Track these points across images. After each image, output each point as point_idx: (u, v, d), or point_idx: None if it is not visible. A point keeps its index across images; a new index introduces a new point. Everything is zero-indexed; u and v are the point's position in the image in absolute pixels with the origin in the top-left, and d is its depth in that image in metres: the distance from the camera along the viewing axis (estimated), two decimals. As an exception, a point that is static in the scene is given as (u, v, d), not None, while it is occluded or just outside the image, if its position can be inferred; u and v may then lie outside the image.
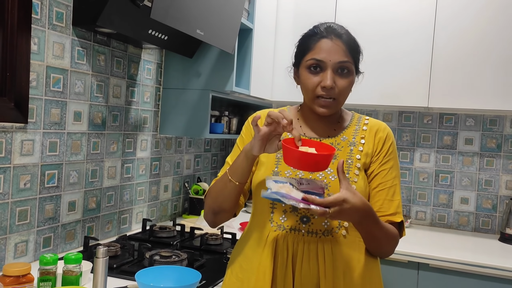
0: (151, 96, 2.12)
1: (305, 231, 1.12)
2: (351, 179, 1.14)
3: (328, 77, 1.12)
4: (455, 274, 1.96)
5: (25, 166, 1.46)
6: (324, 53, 1.13)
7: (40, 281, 1.17)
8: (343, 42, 1.15)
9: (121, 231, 1.96)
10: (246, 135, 1.26)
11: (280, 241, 1.12)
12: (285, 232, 1.12)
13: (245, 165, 1.10)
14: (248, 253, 1.18)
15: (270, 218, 1.15)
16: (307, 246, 1.11)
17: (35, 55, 1.46)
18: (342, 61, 1.13)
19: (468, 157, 2.55)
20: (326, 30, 1.16)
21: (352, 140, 1.20)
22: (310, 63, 1.15)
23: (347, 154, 1.18)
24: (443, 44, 2.26)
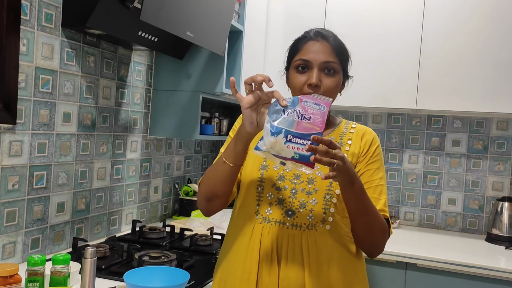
0: (141, 97, 2.12)
1: (289, 224, 1.14)
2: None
3: (313, 75, 1.15)
4: (443, 274, 1.99)
5: (13, 167, 1.46)
6: (311, 54, 1.17)
7: (27, 282, 1.17)
8: (329, 44, 1.19)
9: (110, 232, 1.96)
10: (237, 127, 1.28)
11: (265, 233, 1.15)
12: (270, 225, 1.15)
13: (240, 145, 1.09)
14: (235, 246, 1.19)
15: (256, 210, 1.17)
16: (291, 239, 1.13)
17: (24, 56, 1.46)
18: (327, 61, 1.17)
19: (456, 158, 2.58)
20: (315, 34, 1.21)
21: (340, 141, 1.24)
22: (297, 64, 1.19)
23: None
24: (431, 47, 2.29)
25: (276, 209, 1.16)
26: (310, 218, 1.15)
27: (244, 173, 1.22)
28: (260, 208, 1.18)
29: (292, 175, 1.18)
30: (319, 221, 1.15)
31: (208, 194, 1.19)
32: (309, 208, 1.15)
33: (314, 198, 1.16)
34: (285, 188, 1.17)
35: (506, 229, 2.29)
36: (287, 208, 1.16)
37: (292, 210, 1.15)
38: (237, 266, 1.17)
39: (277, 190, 1.17)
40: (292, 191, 1.17)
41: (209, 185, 1.18)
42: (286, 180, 1.18)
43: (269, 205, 1.17)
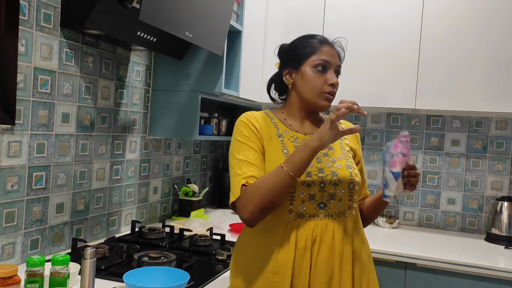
0: (140, 98, 2.12)
1: (322, 216, 1.26)
2: (352, 165, 1.34)
3: (333, 76, 1.31)
4: (442, 273, 1.99)
5: (12, 168, 1.46)
6: (329, 56, 1.32)
7: (27, 282, 1.17)
8: (340, 51, 1.39)
9: (110, 233, 1.96)
10: (248, 131, 1.31)
11: (300, 227, 1.24)
12: (305, 220, 1.25)
13: (310, 161, 1.18)
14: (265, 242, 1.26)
15: (289, 209, 1.25)
16: (324, 228, 1.25)
17: (23, 56, 1.46)
18: (339, 65, 1.35)
19: (455, 158, 2.58)
20: (324, 39, 1.35)
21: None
22: (317, 63, 1.30)
23: (339, 146, 1.38)
24: (430, 47, 2.29)
25: (309, 205, 1.25)
26: (339, 207, 1.28)
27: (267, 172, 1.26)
28: (293, 206, 1.25)
29: (317, 170, 1.28)
30: (346, 208, 1.29)
31: (266, 205, 1.20)
32: (337, 198, 1.28)
33: (341, 188, 1.28)
34: (314, 183, 1.26)
35: (505, 228, 2.29)
36: (319, 202, 1.26)
37: (323, 202, 1.26)
38: (268, 260, 1.24)
39: (307, 187, 1.25)
40: (321, 185, 1.26)
41: (270, 198, 1.19)
42: (313, 176, 1.26)
43: (302, 202, 1.25)
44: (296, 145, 1.30)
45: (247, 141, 1.29)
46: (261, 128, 1.32)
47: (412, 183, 1.23)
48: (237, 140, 1.31)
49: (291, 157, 1.19)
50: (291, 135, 1.33)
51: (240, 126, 1.33)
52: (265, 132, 1.31)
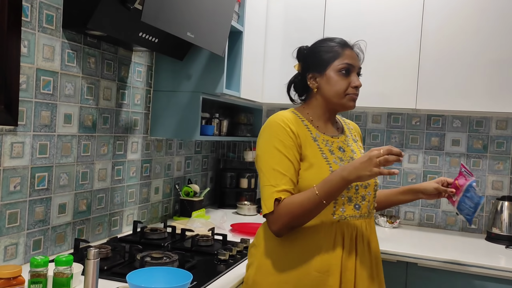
0: (142, 98, 2.13)
1: (358, 216, 1.37)
2: None
3: (357, 78, 1.41)
4: (443, 273, 2.00)
5: (15, 169, 1.46)
6: (352, 59, 1.40)
7: (31, 283, 1.17)
8: (360, 53, 1.47)
9: (112, 233, 1.97)
10: (287, 139, 1.34)
11: (344, 228, 1.34)
12: (347, 221, 1.35)
13: (343, 191, 1.28)
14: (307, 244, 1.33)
15: (333, 211, 1.34)
16: (360, 228, 1.37)
17: (25, 57, 1.46)
18: (360, 67, 1.44)
19: (455, 158, 2.59)
20: (345, 43, 1.44)
21: (352, 137, 1.52)
22: (341, 67, 1.39)
23: (357, 149, 1.50)
24: (431, 47, 2.30)
25: (348, 207, 1.36)
26: (368, 208, 1.40)
27: (315, 179, 1.29)
28: (336, 209, 1.34)
29: None
30: (372, 207, 1.43)
31: (296, 225, 1.32)
32: (367, 199, 1.40)
33: (369, 191, 1.40)
34: (351, 187, 1.35)
35: (506, 228, 2.30)
36: (355, 203, 1.37)
37: (358, 204, 1.37)
38: (313, 260, 1.31)
39: (346, 190, 1.35)
40: (356, 188, 1.37)
41: (299, 219, 1.30)
42: None
43: (342, 205, 1.35)
44: (329, 148, 1.39)
45: (284, 150, 1.32)
46: (297, 132, 1.37)
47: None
48: (274, 147, 1.33)
49: (325, 185, 1.25)
50: (322, 138, 1.41)
51: (278, 131, 1.35)
52: (302, 136, 1.38)
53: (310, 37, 2.53)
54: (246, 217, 2.61)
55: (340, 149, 1.41)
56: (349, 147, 1.44)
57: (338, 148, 1.41)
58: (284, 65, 2.53)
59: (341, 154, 1.40)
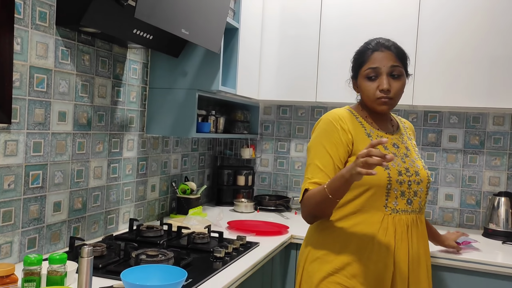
0: (137, 96, 2.12)
1: (410, 210, 1.43)
2: (426, 166, 1.55)
3: (384, 82, 1.41)
4: (440, 269, 1.99)
5: (8, 167, 1.45)
6: (378, 62, 1.42)
7: (24, 281, 1.17)
8: (391, 52, 1.44)
9: (107, 231, 1.96)
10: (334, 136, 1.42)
11: (397, 221, 1.41)
12: (399, 215, 1.41)
13: (347, 188, 1.31)
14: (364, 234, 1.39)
15: (385, 204, 1.40)
16: (413, 221, 1.43)
17: (18, 55, 1.46)
18: (393, 65, 1.42)
19: (452, 154, 2.59)
20: (376, 45, 1.46)
21: (407, 135, 1.59)
22: (367, 73, 1.44)
23: (412, 147, 1.55)
24: (427, 42, 2.29)
25: (400, 201, 1.41)
26: (419, 203, 1.46)
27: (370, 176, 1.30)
28: (388, 202, 1.40)
29: (404, 169, 1.43)
30: (423, 204, 1.49)
31: (316, 214, 1.44)
32: (419, 195, 1.45)
33: (421, 187, 1.46)
34: (404, 181, 1.41)
35: (503, 224, 2.30)
36: (407, 198, 1.42)
37: (410, 199, 1.43)
38: (369, 251, 1.39)
39: (399, 184, 1.41)
40: (409, 183, 1.42)
41: (315, 211, 1.41)
42: (403, 175, 1.42)
43: (395, 198, 1.41)
44: (384, 144, 1.38)
45: (328, 147, 1.41)
46: (350, 129, 1.44)
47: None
48: (320, 143, 1.43)
49: (332, 181, 1.32)
50: (376, 133, 1.47)
51: (327, 128, 1.44)
52: (354, 132, 1.44)
53: (306, 34, 2.54)
54: (243, 215, 2.61)
55: (395, 145, 1.48)
56: (404, 144, 1.51)
57: (393, 144, 1.48)
58: (281, 62, 2.52)
59: (395, 150, 1.47)
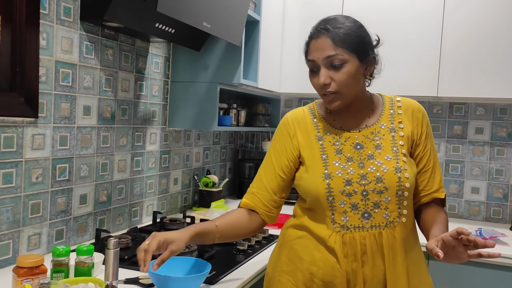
0: (160, 89, 2.13)
1: (368, 227, 1.16)
2: (402, 167, 1.17)
3: (320, 76, 1.16)
4: (466, 263, 1.95)
5: (36, 160, 1.49)
6: (314, 53, 1.17)
7: (53, 272, 1.19)
8: (329, 37, 1.14)
9: (132, 224, 1.99)
10: (280, 143, 1.28)
11: (347, 240, 1.16)
12: (350, 232, 1.16)
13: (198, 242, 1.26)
14: (310, 246, 1.21)
15: (332, 219, 1.17)
16: (373, 240, 1.15)
17: (44, 50, 1.48)
18: (329, 56, 1.14)
19: (479, 146, 2.52)
20: (315, 30, 1.19)
21: (391, 125, 1.23)
22: (309, 66, 1.21)
23: (390, 142, 1.20)
24: (452, 32, 2.23)
25: (352, 215, 1.16)
26: (386, 216, 1.16)
27: (307, 186, 1.21)
28: (335, 217, 1.17)
29: (358, 177, 1.16)
30: (396, 217, 1.17)
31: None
32: (383, 206, 1.16)
33: (386, 196, 1.15)
34: (355, 192, 1.15)
35: (532, 218, 2.24)
36: (363, 212, 1.16)
37: (367, 212, 1.16)
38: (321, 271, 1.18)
39: (347, 196, 1.16)
40: (363, 193, 1.15)
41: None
42: (354, 184, 1.16)
43: (344, 213, 1.16)
44: (337, 147, 1.21)
45: (273, 154, 1.29)
46: (297, 134, 1.26)
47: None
48: (269, 150, 1.32)
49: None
50: (333, 135, 1.23)
51: (277, 132, 1.32)
52: (301, 137, 1.25)
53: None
54: (264, 208, 2.60)
55: (357, 146, 1.20)
56: (374, 142, 1.20)
57: (355, 144, 1.21)
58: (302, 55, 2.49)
59: (353, 153, 1.19)
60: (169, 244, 1.11)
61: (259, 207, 1.28)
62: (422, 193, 1.25)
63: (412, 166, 1.21)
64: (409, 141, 1.21)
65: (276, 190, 1.27)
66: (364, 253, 1.15)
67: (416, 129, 1.23)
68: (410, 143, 1.22)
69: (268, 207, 1.28)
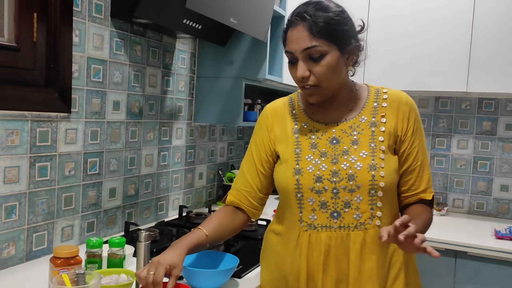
0: (186, 85, 2.15)
1: (336, 227, 1.10)
2: (377, 165, 1.09)
3: (298, 68, 1.08)
4: (494, 262, 1.92)
5: (69, 154, 1.53)
6: (291, 43, 1.08)
7: (87, 263, 1.23)
8: (306, 27, 1.05)
9: (158, 217, 2.02)
10: (259, 136, 1.25)
11: (313, 240, 1.11)
12: (317, 231, 1.11)
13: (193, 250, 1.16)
14: (282, 252, 1.18)
15: (299, 218, 1.13)
16: (340, 242, 1.09)
17: (77, 46, 1.51)
18: (307, 48, 1.05)
19: (509, 143, 2.47)
20: (291, 17, 1.09)
21: (372, 120, 1.14)
22: (287, 56, 1.12)
23: (369, 138, 1.12)
24: (483, 26, 2.18)
25: (320, 214, 1.10)
26: (357, 217, 1.09)
27: (279, 181, 1.18)
28: (303, 215, 1.12)
29: (330, 173, 1.10)
30: (367, 218, 1.09)
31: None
32: (354, 206, 1.09)
33: (358, 195, 1.08)
34: (325, 190, 1.09)
35: None
36: (332, 210, 1.10)
37: (337, 211, 1.10)
38: (286, 274, 1.15)
39: (317, 193, 1.10)
40: (334, 191, 1.09)
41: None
42: (325, 181, 1.10)
43: (312, 211, 1.11)
44: (313, 141, 1.14)
45: (253, 148, 1.25)
46: (274, 126, 1.21)
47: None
48: (250, 144, 1.28)
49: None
50: (310, 128, 1.16)
51: (256, 125, 1.27)
52: (278, 130, 1.20)
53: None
54: (288, 203, 2.61)
55: (333, 141, 1.13)
56: (351, 137, 1.13)
57: (331, 139, 1.13)
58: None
59: (328, 148, 1.12)
60: (172, 270, 1.05)
61: (245, 204, 1.24)
62: (408, 192, 1.16)
63: (392, 164, 1.11)
64: (391, 137, 1.13)
65: (259, 186, 1.24)
66: (328, 254, 1.09)
67: (401, 124, 1.13)
68: (393, 139, 1.13)
69: (254, 204, 1.25)
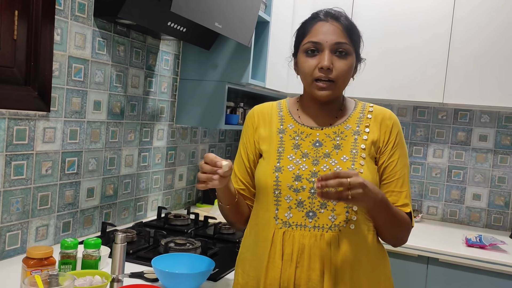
0: (168, 86, 2.16)
1: (311, 226, 1.10)
2: (357, 169, 1.11)
3: (325, 58, 1.10)
4: (465, 269, 1.98)
5: (47, 153, 1.51)
6: (321, 35, 1.12)
7: (61, 264, 1.22)
8: (340, 24, 1.13)
9: (137, 218, 2.02)
10: (245, 135, 1.27)
11: (287, 238, 1.11)
12: (291, 229, 1.11)
13: (221, 193, 1.17)
14: (256, 251, 1.17)
15: (275, 215, 1.13)
16: (313, 242, 1.09)
17: (58, 45, 1.51)
18: (339, 42, 1.11)
19: (482, 153, 2.54)
20: (324, 14, 1.16)
21: (356, 128, 1.18)
22: (307, 47, 1.14)
23: (351, 144, 1.15)
24: (460, 40, 2.25)
25: (296, 212, 1.11)
26: (332, 218, 1.10)
27: (258, 177, 1.19)
28: (279, 212, 1.13)
29: (309, 173, 1.12)
30: (342, 220, 1.10)
31: (229, 222, 1.30)
32: (330, 208, 1.10)
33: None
34: (303, 189, 1.11)
35: (532, 227, 2.25)
36: (308, 210, 1.11)
37: (312, 211, 1.11)
38: (261, 273, 1.14)
39: (295, 191, 1.12)
40: (311, 191, 1.11)
41: (226, 218, 1.28)
42: (304, 180, 1.12)
43: (288, 209, 1.12)
44: (296, 142, 1.17)
45: (242, 148, 1.27)
46: (260, 126, 1.24)
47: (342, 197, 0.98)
48: (239, 144, 1.30)
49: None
50: (294, 130, 1.19)
51: (244, 125, 1.29)
52: (265, 129, 1.23)
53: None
54: (267, 206, 2.63)
55: (316, 144, 1.16)
56: (334, 142, 1.15)
57: (314, 142, 1.16)
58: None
59: (310, 150, 1.15)
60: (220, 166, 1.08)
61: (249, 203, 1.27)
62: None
63: (371, 171, 1.13)
64: (373, 147, 1.15)
65: (251, 183, 1.25)
66: (301, 253, 1.09)
67: (383, 137, 1.17)
68: (375, 149, 1.16)
69: (250, 198, 1.26)
